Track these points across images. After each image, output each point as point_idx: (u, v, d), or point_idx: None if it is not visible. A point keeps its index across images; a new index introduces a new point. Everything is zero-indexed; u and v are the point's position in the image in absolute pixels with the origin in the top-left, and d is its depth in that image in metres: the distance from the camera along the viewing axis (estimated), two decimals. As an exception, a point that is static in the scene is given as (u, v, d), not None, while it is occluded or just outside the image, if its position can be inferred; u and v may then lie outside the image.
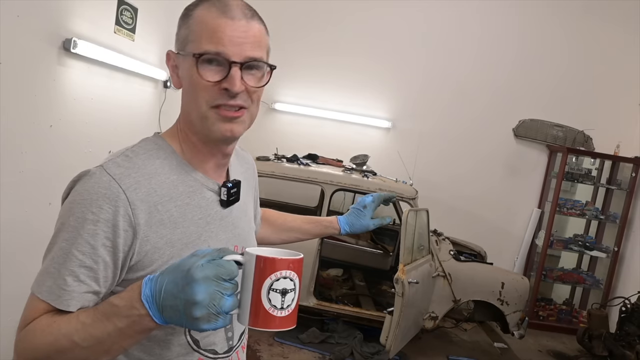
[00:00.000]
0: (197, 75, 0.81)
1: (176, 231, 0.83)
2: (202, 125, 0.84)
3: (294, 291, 0.72)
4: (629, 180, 4.69)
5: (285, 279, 0.70)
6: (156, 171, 0.83)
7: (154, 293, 0.69)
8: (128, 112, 2.99)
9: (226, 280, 0.67)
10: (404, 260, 3.10)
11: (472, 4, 4.85)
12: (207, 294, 0.65)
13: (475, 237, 4.59)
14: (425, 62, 4.93)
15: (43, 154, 2.22)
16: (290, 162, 3.85)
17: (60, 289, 0.75)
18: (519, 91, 4.95)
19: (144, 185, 0.80)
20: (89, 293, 0.77)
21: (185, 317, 0.66)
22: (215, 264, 0.67)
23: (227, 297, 0.67)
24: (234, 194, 0.92)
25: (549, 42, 4.88)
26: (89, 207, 0.76)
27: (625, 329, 3.98)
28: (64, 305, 0.75)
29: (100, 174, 0.78)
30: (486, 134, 4.98)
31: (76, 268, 0.76)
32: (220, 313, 0.67)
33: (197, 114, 0.83)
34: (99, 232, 0.76)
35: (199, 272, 0.66)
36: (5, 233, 2.01)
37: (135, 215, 0.78)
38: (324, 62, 4.88)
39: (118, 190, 0.77)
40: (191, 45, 0.82)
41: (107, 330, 0.71)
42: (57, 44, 2.21)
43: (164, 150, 0.87)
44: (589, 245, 4.74)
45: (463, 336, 4.22)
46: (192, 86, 0.82)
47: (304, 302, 3.61)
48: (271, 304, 0.70)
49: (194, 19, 0.82)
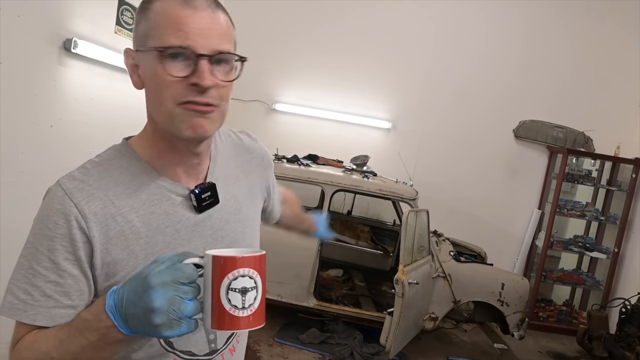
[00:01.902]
0: (162, 71, 0.75)
1: (139, 242, 0.80)
2: (170, 125, 0.78)
3: (256, 289, 0.69)
4: (629, 181, 4.68)
5: (244, 277, 0.68)
6: (115, 182, 0.80)
7: (117, 303, 0.68)
8: (128, 113, 2.98)
9: (185, 284, 0.66)
10: (404, 261, 3.10)
11: (473, 5, 4.85)
12: (166, 300, 0.64)
13: (476, 238, 4.59)
14: (426, 63, 4.93)
15: (43, 154, 2.22)
16: (290, 162, 3.85)
17: (26, 304, 0.75)
18: (519, 92, 4.95)
19: (99, 198, 0.78)
20: (60, 308, 0.76)
21: (147, 325, 0.65)
22: (173, 269, 0.66)
23: (188, 301, 0.65)
24: (207, 198, 0.87)
25: (549, 43, 4.88)
26: (46, 223, 0.76)
27: (625, 330, 3.98)
28: (30, 320, 0.75)
29: (56, 190, 0.78)
30: (486, 135, 4.98)
31: (42, 283, 0.75)
32: (182, 318, 0.65)
33: (162, 113, 0.78)
34: (58, 247, 0.75)
35: (155, 278, 0.64)
36: (5, 233, 2.01)
37: (89, 228, 0.76)
38: (325, 62, 4.88)
39: (70, 205, 0.76)
40: (153, 41, 0.75)
41: (81, 345, 0.71)
42: (58, 44, 2.21)
43: (127, 158, 0.83)
44: (589, 246, 4.73)
45: (463, 337, 4.22)
46: (157, 84, 0.76)
47: (303, 302, 3.61)
48: (231, 304, 0.68)
49: (154, 12, 0.76)
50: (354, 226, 4.63)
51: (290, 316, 3.80)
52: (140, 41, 0.78)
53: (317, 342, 3.57)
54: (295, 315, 3.71)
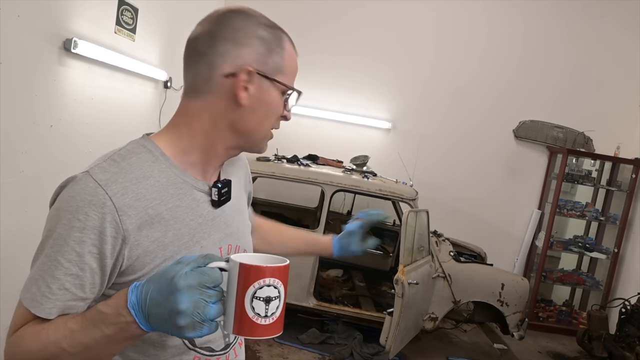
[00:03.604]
0: (279, 105, 0.89)
1: (168, 234, 0.82)
2: (257, 143, 0.92)
3: (279, 299, 0.71)
4: (629, 181, 4.69)
5: (269, 287, 0.70)
6: (144, 174, 0.82)
7: (140, 301, 0.69)
8: (128, 113, 2.99)
9: (210, 288, 0.67)
10: (404, 261, 3.10)
11: (473, 5, 4.86)
12: (191, 303, 0.65)
13: (475, 238, 4.59)
14: (426, 63, 4.93)
15: (43, 154, 2.22)
16: (290, 162, 3.85)
17: (44, 297, 0.75)
18: (519, 92, 4.95)
19: (132, 190, 0.79)
20: (73, 301, 0.77)
21: (171, 326, 0.66)
22: (199, 272, 0.67)
23: (212, 304, 0.67)
24: (224, 193, 0.93)
25: (549, 43, 4.88)
26: (75, 214, 0.75)
27: (625, 330, 3.98)
28: (45, 314, 0.76)
29: (86, 180, 0.77)
30: (486, 135, 4.98)
31: (62, 276, 0.75)
32: (205, 321, 0.67)
33: (259, 132, 0.90)
34: (86, 239, 0.75)
35: (182, 281, 0.66)
36: (5, 233, 2.01)
37: (122, 221, 0.77)
38: (325, 62, 4.87)
39: (104, 197, 0.76)
40: (284, 78, 0.88)
41: (95, 337, 0.71)
42: (58, 44, 2.21)
43: (152, 153, 0.85)
44: (589, 246, 4.74)
45: (463, 337, 4.22)
46: (269, 111, 0.89)
47: (303, 302, 3.61)
48: (255, 312, 0.69)
49: (287, 53, 0.88)
50: (353, 226, 4.62)
51: (290, 316, 3.79)
52: (270, 70, 0.86)
53: (317, 342, 3.57)
54: (295, 315, 3.71)
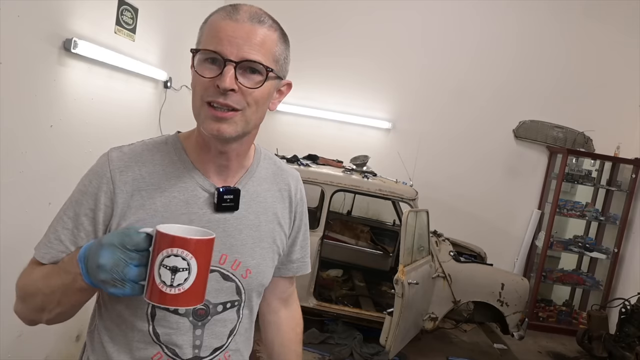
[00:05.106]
0: (195, 71, 0.84)
1: (154, 219, 0.86)
2: (198, 121, 0.87)
3: (187, 271, 0.71)
4: (629, 181, 4.69)
5: (176, 257, 0.70)
6: (152, 161, 0.90)
7: (85, 255, 0.77)
8: (128, 113, 2.98)
9: (131, 250, 0.72)
10: (403, 261, 3.10)
11: (472, 5, 4.86)
12: (111, 260, 0.72)
13: (475, 238, 4.59)
14: (426, 63, 4.93)
15: (43, 154, 2.22)
16: (290, 162, 3.85)
17: (43, 243, 0.88)
18: (519, 92, 4.95)
19: (133, 171, 0.88)
20: (64, 253, 0.86)
21: (96, 279, 0.74)
22: (123, 233, 0.74)
23: (133, 266, 0.72)
24: (228, 200, 0.91)
25: (549, 43, 4.88)
26: (84, 180, 0.89)
27: (625, 330, 3.98)
28: (39, 257, 0.87)
29: (103, 156, 0.90)
30: (486, 135, 4.98)
31: (60, 229, 0.87)
32: (125, 280, 0.72)
33: (194, 108, 0.86)
34: (84, 202, 0.87)
35: (106, 239, 0.74)
36: (5, 233, 2.01)
37: (115, 194, 0.86)
38: (324, 63, 4.87)
39: (106, 169, 0.87)
40: (200, 46, 0.86)
41: (57, 283, 0.81)
42: (58, 44, 2.21)
43: (171, 146, 0.93)
44: (588, 246, 4.74)
45: (463, 337, 4.22)
46: (193, 82, 0.86)
47: (303, 302, 3.60)
48: (161, 280, 0.71)
49: (207, 23, 0.86)
50: (353, 226, 4.63)
51: (290, 316, 3.79)
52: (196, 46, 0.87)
53: (316, 342, 3.57)
54: (295, 315, 3.70)
